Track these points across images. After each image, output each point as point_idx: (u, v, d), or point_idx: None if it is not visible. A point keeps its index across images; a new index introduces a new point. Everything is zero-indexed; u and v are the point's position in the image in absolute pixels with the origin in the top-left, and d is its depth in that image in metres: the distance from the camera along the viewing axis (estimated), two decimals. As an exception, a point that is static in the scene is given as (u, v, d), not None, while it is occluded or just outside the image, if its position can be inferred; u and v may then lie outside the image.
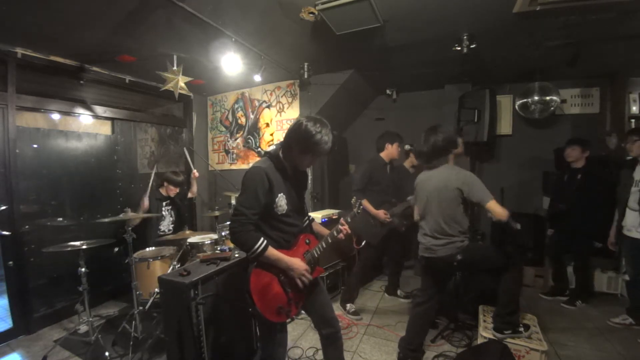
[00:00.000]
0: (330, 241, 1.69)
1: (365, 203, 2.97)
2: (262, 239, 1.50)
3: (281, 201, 1.55)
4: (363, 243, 3.08)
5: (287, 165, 1.60)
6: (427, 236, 2.24)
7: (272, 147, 1.66)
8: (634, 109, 3.42)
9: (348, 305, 3.11)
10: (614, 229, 2.89)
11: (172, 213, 3.46)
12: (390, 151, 3.13)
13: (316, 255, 1.70)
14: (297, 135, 1.51)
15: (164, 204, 3.38)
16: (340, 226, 1.68)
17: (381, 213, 2.99)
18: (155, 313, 2.63)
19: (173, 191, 3.39)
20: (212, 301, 2.00)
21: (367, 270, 3.35)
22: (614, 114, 3.72)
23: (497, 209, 1.98)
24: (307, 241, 1.73)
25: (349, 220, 1.73)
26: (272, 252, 1.52)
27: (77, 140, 3.37)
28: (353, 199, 1.79)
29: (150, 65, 3.10)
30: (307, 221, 1.83)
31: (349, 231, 1.70)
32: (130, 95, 3.86)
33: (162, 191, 3.39)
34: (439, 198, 2.14)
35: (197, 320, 1.87)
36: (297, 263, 1.58)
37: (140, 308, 2.55)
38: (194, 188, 3.78)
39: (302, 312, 2.25)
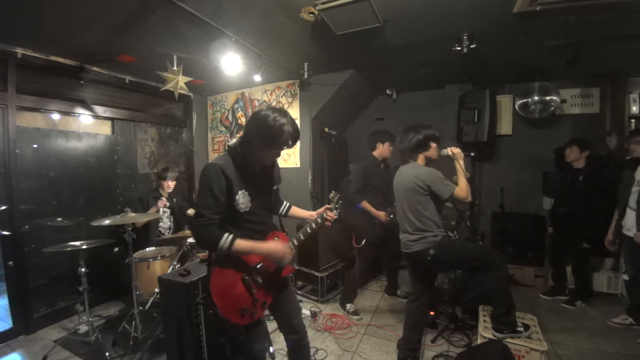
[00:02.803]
0: (315, 226, 1.60)
1: (366, 204, 2.98)
2: (226, 234, 1.37)
3: (242, 198, 1.43)
4: (363, 242, 3.08)
5: (250, 160, 1.47)
6: (402, 232, 2.28)
7: (233, 141, 1.50)
8: (634, 109, 3.42)
9: (348, 305, 3.11)
10: (613, 228, 2.89)
11: (171, 218, 3.44)
12: (381, 150, 3.16)
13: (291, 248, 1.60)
14: (256, 129, 1.37)
15: None
16: (325, 214, 1.60)
17: (382, 214, 2.99)
18: (155, 313, 2.63)
19: (171, 184, 3.38)
20: (211, 301, 2.00)
21: (367, 269, 3.35)
22: (614, 114, 3.72)
23: (461, 193, 2.07)
24: (276, 238, 1.61)
25: (325, 216, 1.65)
26: (243, 243, 1.39)
27: (77, 140, 3.37)
28: (331, 194, 1.67)
29: (150, 65, 3.10)
30: (284, 210, 1.78)
31: (334, 217, 1.62)
32: (130, 95, 3.86)
33: (161, 190, 3.38)
34: (406, 194, 2.19)
35: (197, 320, 1.87)
36: (275, 246, 1.48)
37: (140, 308, 2.55)
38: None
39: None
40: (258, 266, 1.51)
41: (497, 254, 2.14)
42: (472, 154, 2.48)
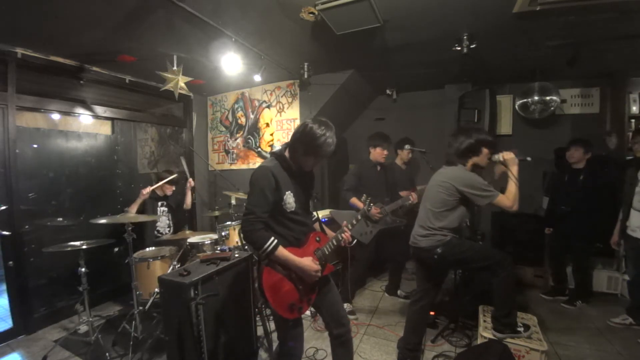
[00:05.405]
0: (335, 243, 1.74)
1: (355, 200, 3.02)
2: (272, 238, 1.52)
3: (289, 199, 1.58)
4: (354, 242, 3.07)
5: (293, 165, 1.62)
6: (416, 224, 2.29)
7: (278, 148, 1.69)
8: (634, 109, 3.42)
9: (345, 305, 3.10)
10: (618, 229, 2.88)
11: (169, 216, 3.44)
12: (374, 154, 3.20)
13: (327, 252, 1.72)
14: (301, 137, 1.53)
15: (159, 204, 3.37)
16: (342, 233, 1.74)
17: (372, 210, 2.99)
18: (155, 313, 2.63)
19: (169, 189, 3.38)
20: (212, 301, 2.00)
21: (363, 270, 3.35)
22: (614, 114, 3.72)
23: (506, 202, 2.03)
24: (318, 239, 1.75)
25: (360, 217, 1.84)
26: (283, 252, 1.54)
27: (77, 140, 3.36)
28: (363, 197, 1.85)
29: (150, 65, 3.10)
30: (316, 220, 1.87)
31: (350, 239, 1.75)
32: (130, 95, 3.86)
33: (158, 190, 3.36)
34: (437, 190, 2.17)
35: (197, 320, 1.86)
36: (307, 264, 1.58)
37: (140, 308, 2.55)
38: (188, 200, 3.61)
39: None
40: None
41: (504, 256, 2.13)
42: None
